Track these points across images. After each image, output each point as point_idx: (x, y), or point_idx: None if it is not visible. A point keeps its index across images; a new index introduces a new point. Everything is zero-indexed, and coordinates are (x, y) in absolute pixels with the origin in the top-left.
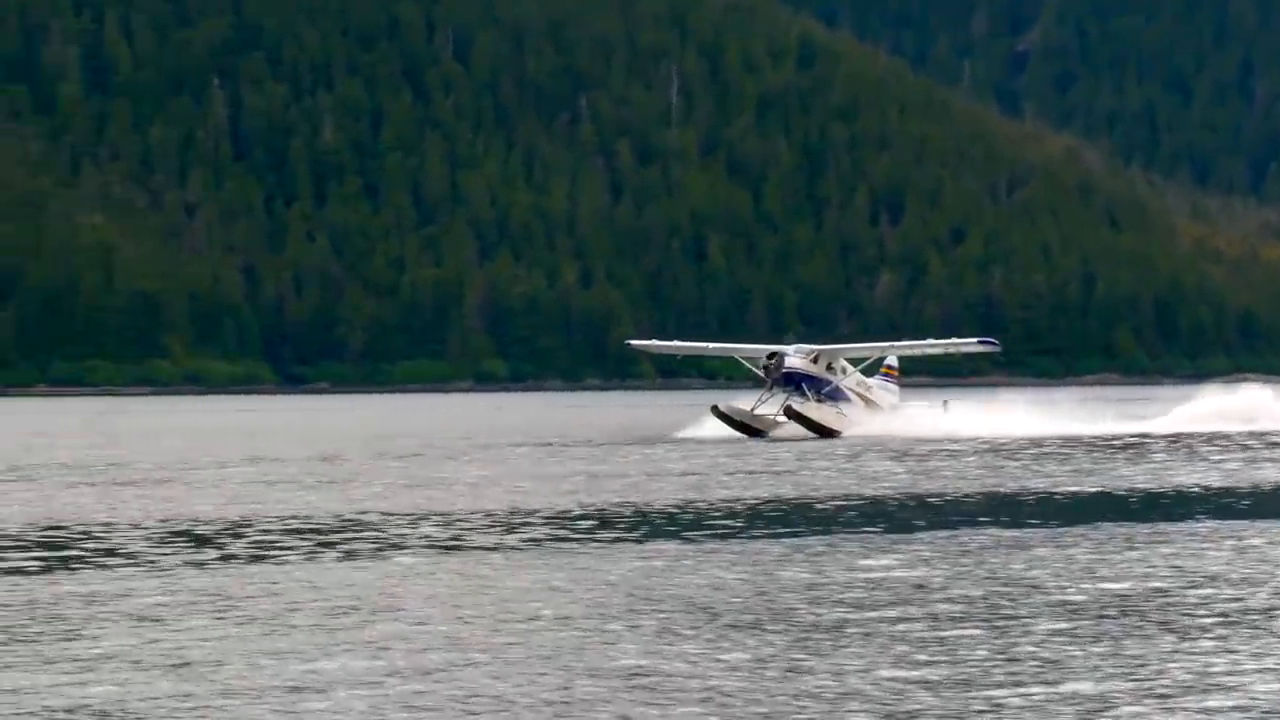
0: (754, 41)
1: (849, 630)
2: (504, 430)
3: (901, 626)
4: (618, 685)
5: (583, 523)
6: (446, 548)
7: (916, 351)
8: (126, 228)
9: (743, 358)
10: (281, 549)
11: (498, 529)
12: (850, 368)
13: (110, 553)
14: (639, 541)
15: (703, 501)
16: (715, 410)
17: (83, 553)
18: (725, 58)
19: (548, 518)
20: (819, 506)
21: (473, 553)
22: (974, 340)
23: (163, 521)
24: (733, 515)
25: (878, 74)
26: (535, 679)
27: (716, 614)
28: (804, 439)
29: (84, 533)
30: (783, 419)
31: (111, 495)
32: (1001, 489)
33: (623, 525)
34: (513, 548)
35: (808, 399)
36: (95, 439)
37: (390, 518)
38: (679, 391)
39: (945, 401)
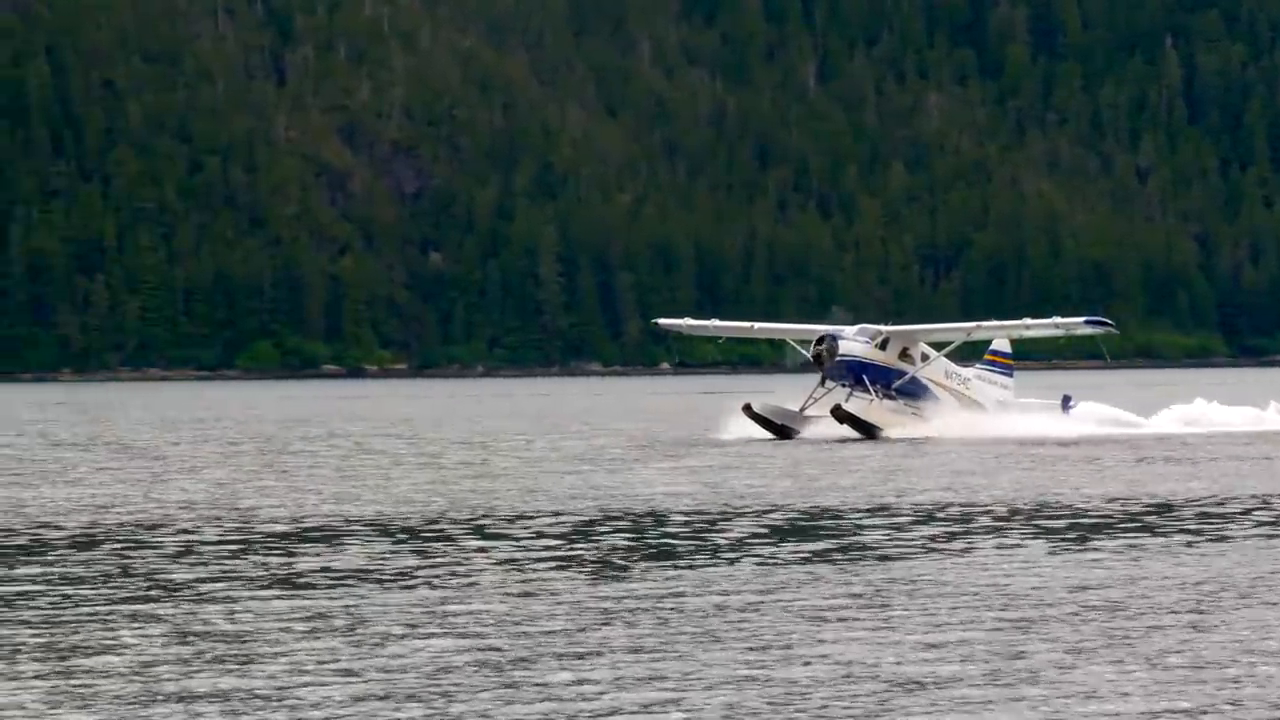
0: None
1: None
2: None
3: None
4: None
5: None
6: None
7: (1014, 333)
8: (1075, 194)
9: (794, 340)
10: None
11: None
12: (935, 354)
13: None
14: None
15: None
16: (748, 410)
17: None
18: None
19: None
20: None
21: None
22: (1081, 320)
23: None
24: None
25: None
26: None
27: None
28: None
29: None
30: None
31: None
32: None
33: None
34: None
35: (871, 394)
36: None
37: None
38: None
39: (1067, 397)
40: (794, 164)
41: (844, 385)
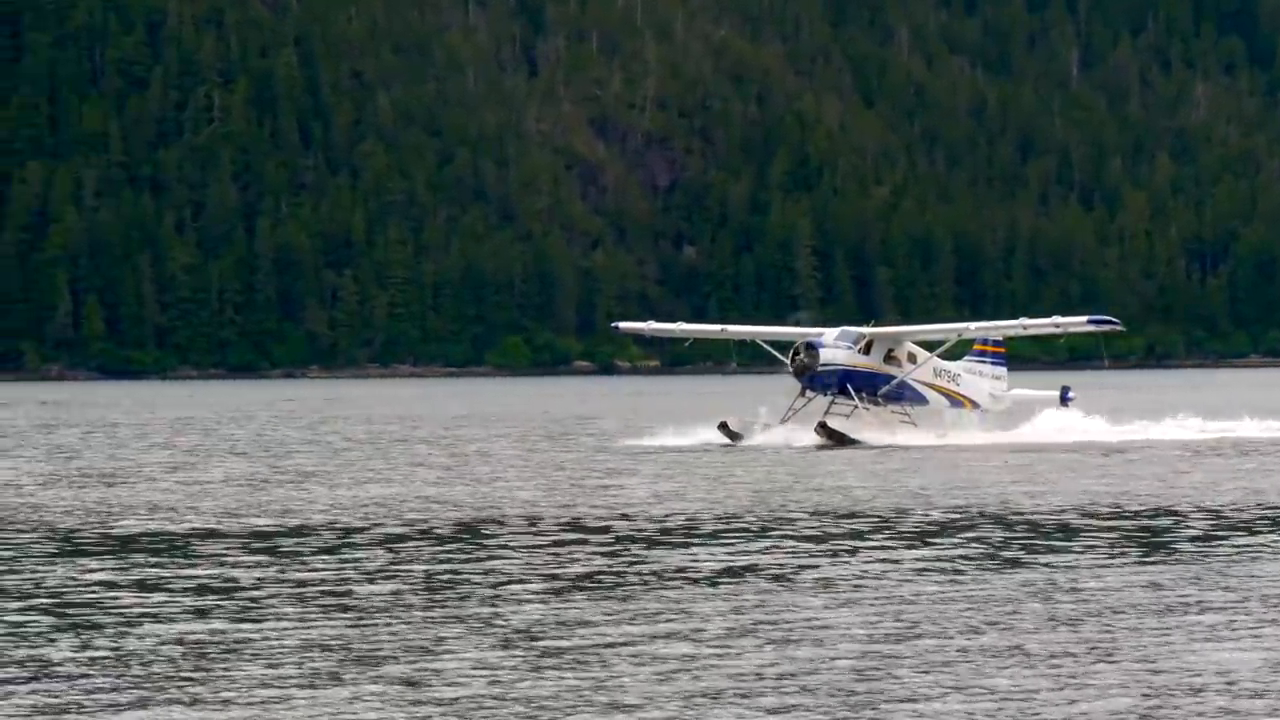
0: None
1: None
2: None
3: None
4: None
5: None
6: None
7: (1009, 332)
8: None
9: (765, 342)
10: None
11: None
12: (923, 354)
13: None
14: None
15: None
16: (723, 428)
17: None
18: None
19: None
20: None
21: None
22: (1083, 319)
23: None
24: None
25: None
26: None
27: None
28: None
29: None
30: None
31: None
32: None
33: None
34: None
35: (856, 403)
36: None
37: None
38: None
39: (1066, 389)
40: (1056, 155)
41: (826, 395)
